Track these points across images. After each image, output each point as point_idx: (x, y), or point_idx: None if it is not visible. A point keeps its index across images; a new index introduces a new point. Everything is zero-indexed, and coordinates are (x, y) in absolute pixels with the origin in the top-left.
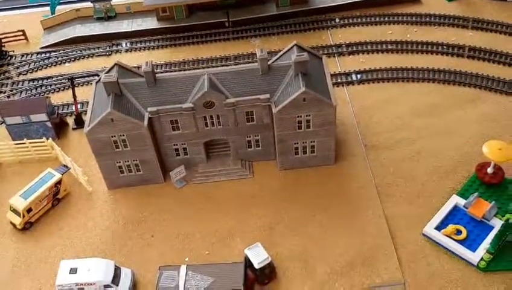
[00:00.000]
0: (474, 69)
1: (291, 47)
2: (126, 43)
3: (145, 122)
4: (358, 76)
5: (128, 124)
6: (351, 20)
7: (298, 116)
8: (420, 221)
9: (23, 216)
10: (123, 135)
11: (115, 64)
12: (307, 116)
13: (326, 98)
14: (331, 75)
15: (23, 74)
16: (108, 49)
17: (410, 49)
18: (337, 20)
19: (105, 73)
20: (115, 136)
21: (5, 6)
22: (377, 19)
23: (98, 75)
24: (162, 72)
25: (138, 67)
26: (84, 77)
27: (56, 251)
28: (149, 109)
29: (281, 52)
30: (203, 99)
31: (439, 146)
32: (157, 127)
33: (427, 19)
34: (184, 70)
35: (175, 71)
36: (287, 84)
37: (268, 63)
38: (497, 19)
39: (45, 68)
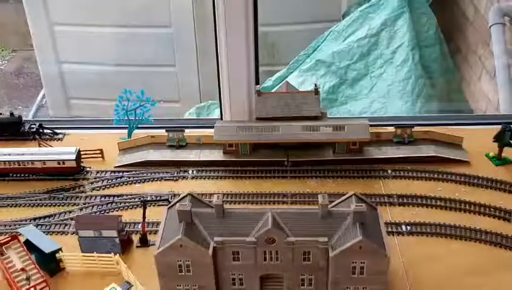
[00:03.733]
0: None
1: (350, 196)
2: (193, 171)
3: (210, 250)
4: (408, 227)
5: (195, 251)
6: (402, 173)
7: (353, 262)
8: None
9: None
10: (188, 261)
11: (188, 194)
12: (361, 263)
13: (381, 249)
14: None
15: (96, 190)
16: (176, 174)
17: (459, 207)
18: (389, 171)
19: (179, 202)
20: (181, 260)
21: (87, 125)
22: (428, 175)
23: (168, 201)
24: (224, 202)
25: (202, 195)
26: (154, 201)
27: None
28: (215, 239)
29: (340, 200)
30: (265, 236)
31: None
32: (220, 256)
33: (475, 181)
34: (245, 202)
35: (236, 202)
36: (344, 231)
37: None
38: None
39: (117, 186)
